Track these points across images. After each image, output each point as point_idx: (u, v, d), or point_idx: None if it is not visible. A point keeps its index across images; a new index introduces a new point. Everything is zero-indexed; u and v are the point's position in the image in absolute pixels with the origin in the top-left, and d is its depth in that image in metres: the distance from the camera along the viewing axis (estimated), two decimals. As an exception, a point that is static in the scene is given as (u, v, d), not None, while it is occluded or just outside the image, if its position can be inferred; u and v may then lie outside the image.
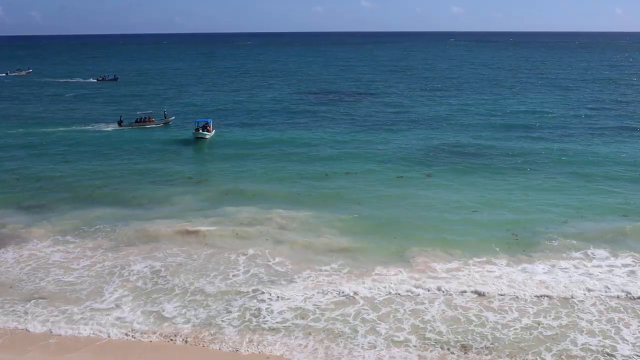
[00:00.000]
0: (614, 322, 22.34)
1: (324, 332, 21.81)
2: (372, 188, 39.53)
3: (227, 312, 23.23)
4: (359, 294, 24.55)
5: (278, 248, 29.55)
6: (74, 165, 46.44)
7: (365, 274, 26.33)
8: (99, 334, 21.74)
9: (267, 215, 33.97)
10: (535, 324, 22.13)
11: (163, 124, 63.99)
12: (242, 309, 23.42)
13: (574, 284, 25.22)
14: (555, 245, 29.27)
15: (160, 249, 29.37)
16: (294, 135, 57.61)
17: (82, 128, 62.93)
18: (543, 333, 21.56)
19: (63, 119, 68.54)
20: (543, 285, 25.13)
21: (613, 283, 25.37)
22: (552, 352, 20.38)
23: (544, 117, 66.07)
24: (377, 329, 21.90)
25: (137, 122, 64.03)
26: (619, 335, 21.32)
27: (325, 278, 26.10)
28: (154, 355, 20.35)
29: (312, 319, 22.67)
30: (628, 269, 26.81)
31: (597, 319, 22.55)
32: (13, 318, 22.90)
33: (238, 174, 43.55)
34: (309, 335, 21.59)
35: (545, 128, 59.69)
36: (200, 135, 55.44)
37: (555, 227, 31.90)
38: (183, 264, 27.66)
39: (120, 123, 63.52)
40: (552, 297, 24.14)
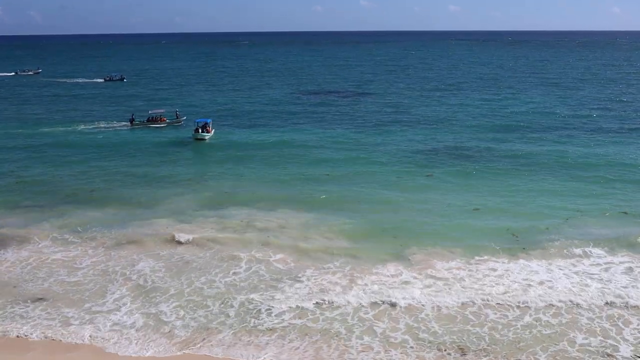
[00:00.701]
0: (614, 320, 22.36)
1: (320, 333, 21.79)
2: (372, 188, 39.50)
3: (225, 313, 23.16)
4: (358, 294, 24.53)
5: (278, 248, 29.52)
6: (74, 166, 46.35)
7: (366, 274, 26.31)
8: (98, 337, 21.64)
9: (267, 216, 34.00)
10: (535, 324, 22.11)
11: (174, 124, 64.00)
12: (240, 310, 23.36)
13: (574, 284, 25.21)
14: (556, 245, 29.18)
15: (160, 250, 29.32)
16: (294, 136, 57.58)
17: (92, 127, 62.97)
18: (542, 332, 21.56)
19: (73, 119, 68.54)
20: (543, 285, 25.10)
21: (613, 283, 25.36)
22: (550, 352, 20.34)
23: (544, 117, 66.03)
24: (374, 329, 21.91)
25: (148, 120, 64.19)
26: (621, 336, 21.29)
27: (326, 277, 26.10)
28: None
29: (310, 319, 22.67)
30: (628, 269, 26.75)
31: (597, 317, 22.56)
32: (14, 318, 22.84)
33: (238, 175, 43.51)
34: (305, 336, 21.57)
35: (545, 128, 59.66)
36: (200, 137, 55.37)
37: (556, 226, 31.90)
38: (183, 265, 27.62)
39: (132, 122, 63.77)
40: (551, 297, 24.09)
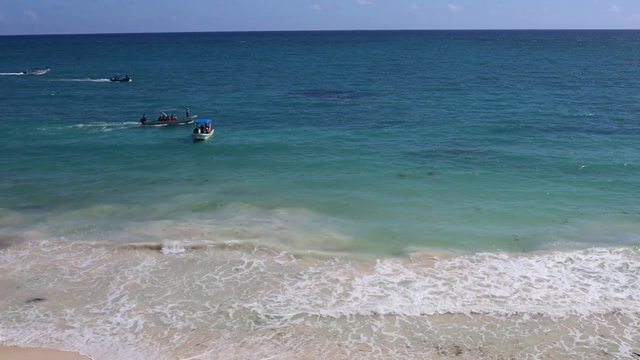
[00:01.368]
0: (613, 319, 22.37)
1: (316, 332, 21.82)
2: (372, 188, 39.46)
3: (224, 314, 23.14)
4: (358, 293, 24.60)
5: (279, 246, 29.54)
6: (74, 167, 46.27)
7: (366, 272, 26.34)
8: (97, 341, 21.57)
9: (267, 216, 34.01)
10: (533, 323, 22.15)
11: (185, 123, 63.99)
12: (239, 311, 23.32)
13: (574, 283, 25.23)
14: (555, 246, 29.21)
15: (159, 250, 29.28)
16: (294, 136, 57.52)
17: (104, 126, 63.07)
18: (540, 331, 21.62)
19: (86, 118, 68.64)
20: (542, 285, 25.12)
21: (612, 282, 25.41)
22: (547, 350, 20.41)
23: (544, 117, 65.97)
24: (371, 328, 21.95)
25: (159, 120, 64.26)
26: (620, 335, 21.28)
27: (326, 277, 26.09)
28: None
29: (309, 319, 22.70)
30: (627, 269, 26.78)
31: (596, 315, 22.59)
32: (10, 321, 22.85)
33: (238, 174, 43.48)
34: (300, 335, 21.59)
35: (545, 128, 59.56)
36: (199, 137, 55.37)
37: (555, 227, 31.91)
38: (181, 266, 27.57)
39: (144, 121, 64.04)
40: (550, 296, 24.12)
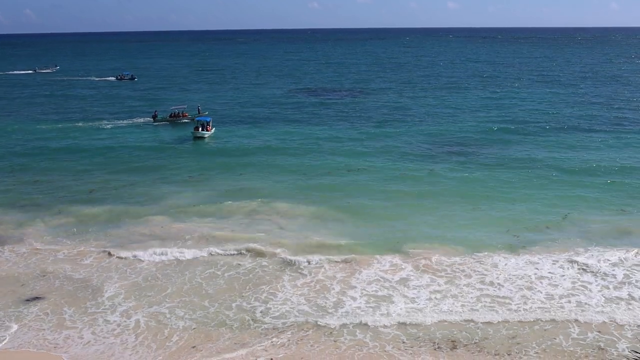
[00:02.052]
0: (611, 315, 22.47)
1: (314, 327, 21.93)
2: (373, 186, 39.45)
3: (224, 311, 23.19)
4: (358, 289, 24.74)
5: (278, 245, 29.48)
6: (74, 164, 46.31)
7: (365, 270, 26.33)
8: (96, 337, 21.60)
9: (268, 212, 34.04)
10: (532, 319, 22.22)
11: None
12: (240, 307, 23.41)
13: (574, 280, 25.24)
14: (555, 243, 29.27)
15: (159, 248, 29.13)
16: (294, 133, 57.55)
17: (115, 123, 63.30)
18: (539, 327, 21.70)
19: (88, 116, 68.85)
20: (542, 282, 25.13)
21: (610, 278, 25.48)
22: (544, 346, 20.55)
23: (543, 115, 65.95)
24: (368, 324, 21.99)
25: (171, 116, 64.36)
26: (618, 332, 21.35)
27: (325, 274, 26.15)
28: None
29: (308, 313, 22.81)
30: (626, 265, 26.80)
31: (596, 312, 22.64)
32: (9, 319, 22.95)
33: (238, 172, 43.42)
34: (298, 333, 21.67)
35: (544, 126, 59.54)
36: (199, 135, 55.44)
37: (555, 224, 32.03)
38: (181, 264, 27.54)
39: (155, 117, 64.24)
40: (550, 292, 24.16)
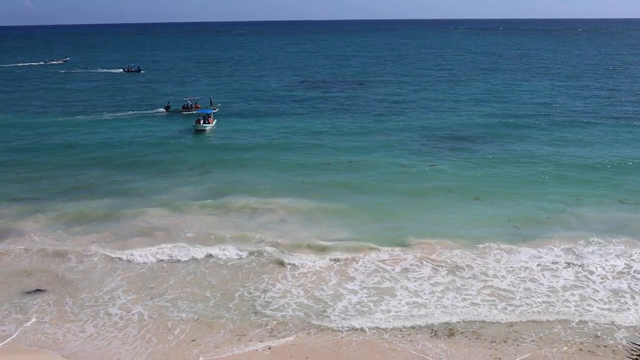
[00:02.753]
0: (611, 305, 22.60)
1: (314, 319, 22.02)
2: (375, 178, 39.52)
3: (224, 304, 23.29)
4: (358, 281, 24.87)
5: (280, 236, 29.58)
6: (75, 157, 46.25)
7: (367, 262, 26.42)
8: (98, 331, 21.66)
9: (269, 205, 34.03)
10: (532, 309, 22.35)
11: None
12: (241, 300, 23.50)
13: (576, 271, 25.34)
14: (556, 234, 29.40)
15: (161, 241, 29.20)
16: (295, 126, 57.46)
17: (129, 113, 63.48)
18: (538, 317, 21.85)
19: (93, 108, 68.79)
20: (544, 273, 25.22)
21: (610, 268, 25.65)
22: (542, 335, 20.78)
23: (545, 107, 65.87)
24: (368, 314, 22.15)
25: (184, 108, 64.27)
26: (617, 322, 21.46)
27: (326, 265, 26.26)
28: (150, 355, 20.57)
29: (307, 306, 22.90)
30: (626, 255, 27.01)
31: (597, 302, 22.77)
32: (10, 313, 23.06)
33: (239, 165, 43.41)
34: (302, 323, 21.80)
35: (545, 117, 59.51)
36: (201, 128, 55.40)
37: (555, 215, 32.21)
38: (181, 257, 27.50)
39: (168, 109, 64.42)
40: (551, 284, 24.24)
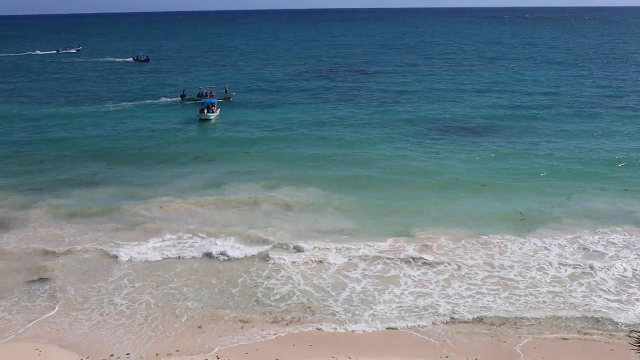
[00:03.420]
0: (615, 292, 22.71)
1: (317, 307, 22.19)
2: (379, 167, 39.48)
3: (228, 292, 23.45)
4: (360, 270, 24.97)
5: (284, 226, 29.69)
6: (78, 147, 46.30)
7: (370, 250, 26.48)
8: (104, 319, 21.85)
9: (272, 194, 34.08)
10: (535, 297, 22.51)
11: (224, 99, 64.07)
12: (244, 288, 23.67)
13: (580, 258, 25.40)
14: (561, 223, 29.45)
15: (165, 231, 29.24)
16: (299, 115, 57.34)
17: (134, 103, 63.49)
18: (541, 303, 22.07)
19: (105, 97, 69.04)
20: (548, 260, 25.28)
21: (612, 256, 25.74)
22: (542, 319, 21.08)
23: (549, 95, 65.54)
24: (370, 305, 22.24)
25: (198, 96, 64.01)
26: (621, 309, 21.58)
27: (331, 252, 26.35)
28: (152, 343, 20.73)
29: (310, 294, 23.03)
30: (632, 244, 27.06)
31: (602, 289, 22.81)
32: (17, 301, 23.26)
33: (243, 154, 43.42)
34: (306, 310, 21.99)
35: (549, 106, 59.29)
36: (205, 117, 55.34)
37: (560, 203, 32.29)
38: (186, 246, 27.64)
39: (183, 97, 64.46)
40: (556, 272, 24.32)
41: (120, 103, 64.55)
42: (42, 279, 24.60)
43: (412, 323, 21.01)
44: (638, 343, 10.48)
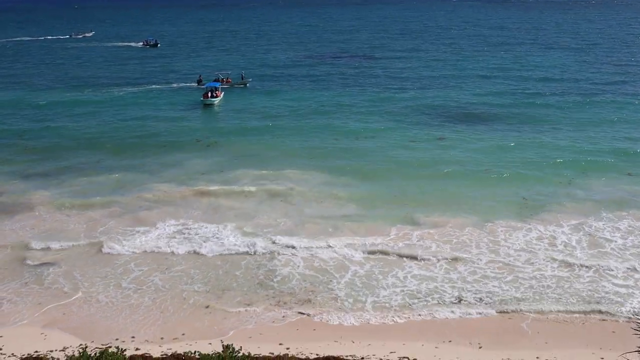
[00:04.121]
0: (627, 278, 22.81)
1: (319, 290, 22.39)
2: (383, 152, 39.49)
3: (233, 275, 23.71)
4: (365, 253, 25.15)
5: (288, 210, 29.85)
6: (83, 132, 46.41)
7: (375, 236, 26.60)
8: (111, 301, 22.17)
9: (277, 179, 34.22)
10: (540, 281, 22.68)
11: (240, 85, 64.04)
12: (248, 270, 23.93)
13: (583, 244, 25.54)
14: (564, 208, 29.56)
15: (170, 216, 29.44)
16: (303, 100, 57.21)
17: (139, 88, 63.49)
18: (547, 286, 22.23)
19: (111, 82, 68.85)
20: (552, 245, 25.42)
21: (622, 241, 25.83)
22: (549, 298, 21.36)
23: (553, 80, 65.30)
24: (375, 290, 22.39)
25: (215, 81, 63.87)
26: (623, 291, 21.72)
27: (334, 238, 26.45)
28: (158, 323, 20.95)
29: (314, 278, 23.23)
30: (637, 228, 27.19)
31: (610, 274, 22.90)
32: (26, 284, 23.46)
33: (248, 138, 43.47)
34: (311, 293, 22.21)
35: (554, 91, 59.01)
36: (209, 102, 55.30)
37: (562, 187, 32.52)
38: (190, 230, 27.83)
39: (200, 82, 64.48)
40: (561, 257, 24.44)
41: (126, 88, 64.39)
42: (47, 264, 24.81)
43: (415, 307, 21.15)
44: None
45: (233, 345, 12.70)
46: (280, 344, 18.89)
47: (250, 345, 17.53)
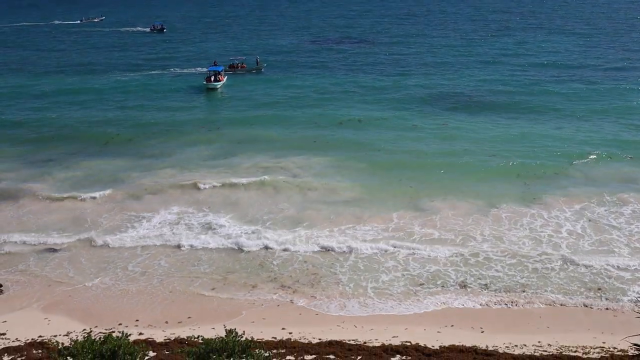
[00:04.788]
0: (628, 265, 22.74)
1: (323, 273, 22.53)
2: (387, 138, 39.34)
3: (236, 261, 23.87)
4: (369, 237, 25.14)
5: (291, 196, 29.91)
6: (86, 118, 46.31)
7: (379, 222, 26.65)
8: (116, 284, 22.35)
9: (279, 164, 34.23)
10: (544, 267, 22.69)
11: (255, 70, 63.86)
12: (250, 256, 24.09)
13: (580, 228, 25.51)
14: (566, 192, 29.62)
15: (172, 202, 29.59)
16: (306, 85, 56.95)
17: (132, 76, 63.01)
18: (551, 275, 22.21)
19: (118, 67, 68.79)
20: (556, 231, 25.39)
21: (625, 224, 25.82)
22: (551, 289, 21.39)
23: (556, 66, 64.73)
24: (378, 275, 22.47)
25: (230, 67, 63.85)
26: (628, 279, 21.69)
27: (340, 224, 26.53)
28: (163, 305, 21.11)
29: (318, 261, 23.32)
30: (637, 210, 27.29)
31: (613, 258, 22.83)
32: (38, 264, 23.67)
33: (251, 123, 43.39)
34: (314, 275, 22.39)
35: (557, 76, 58.68)
36: (212, 86, 55.13)
37: (563, 170, 32.64)
38: (195, 216, 27.98)
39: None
40: (565, 243, 24.41)
41: (127, 73, 64.22)
42: (52, 250, 24.99)
43: (418, 292, 21.20)
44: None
45: (236, 330, 12.72)
46: (283, 329, 19.00)
47: (254, 330, 17.67)
